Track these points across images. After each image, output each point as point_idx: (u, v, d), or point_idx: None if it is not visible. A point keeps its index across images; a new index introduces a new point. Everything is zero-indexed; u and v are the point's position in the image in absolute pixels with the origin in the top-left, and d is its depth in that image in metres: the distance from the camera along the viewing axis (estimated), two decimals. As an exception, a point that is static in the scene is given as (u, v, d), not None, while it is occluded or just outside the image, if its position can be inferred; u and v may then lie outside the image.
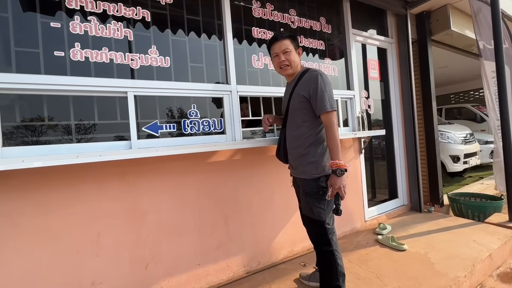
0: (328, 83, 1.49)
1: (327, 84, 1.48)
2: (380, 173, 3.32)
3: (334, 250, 1.52)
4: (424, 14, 3.39)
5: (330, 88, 1.48)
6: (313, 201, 1.53)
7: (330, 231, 1.53)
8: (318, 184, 1.51)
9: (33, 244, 1.37)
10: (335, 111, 1.46)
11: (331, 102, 1.45)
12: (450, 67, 6.61)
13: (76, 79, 1.46)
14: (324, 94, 1.44)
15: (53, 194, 1.43)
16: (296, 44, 1.59)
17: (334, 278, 1.51)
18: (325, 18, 2.61)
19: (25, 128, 1.39)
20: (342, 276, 1.53)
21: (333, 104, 1.45)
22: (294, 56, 1.56)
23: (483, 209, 3.05)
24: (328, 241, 1.52)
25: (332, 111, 1.45)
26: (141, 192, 1.67)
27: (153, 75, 1.73)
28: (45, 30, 1.44)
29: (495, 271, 2.11)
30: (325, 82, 1.47)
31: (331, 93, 1.48)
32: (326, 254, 1.54)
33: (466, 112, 7.18)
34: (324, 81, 1.47)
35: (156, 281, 1.70)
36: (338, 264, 1.51)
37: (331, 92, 1.48)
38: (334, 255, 1.51)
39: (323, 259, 1.58)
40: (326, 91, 1.45)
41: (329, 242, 1.52)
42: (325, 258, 1.55)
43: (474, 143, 5.30)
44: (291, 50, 1.55)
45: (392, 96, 3.30)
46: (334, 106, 1.46)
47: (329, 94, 1.46)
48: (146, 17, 1.72)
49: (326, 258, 1.54)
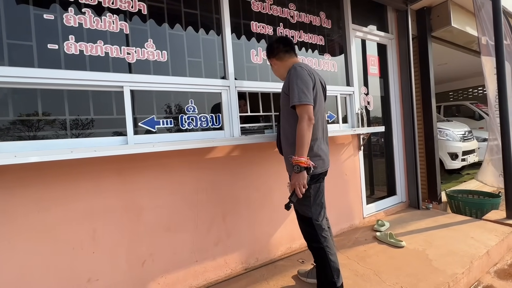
0: (300, 76, 1.43)
1: (298, 76, 1.43)
2: (379, 170, 3.31)
3: (324, 246, 1.50)
4: (424, 10, 3.36)
5: (303, 80, 1.41)
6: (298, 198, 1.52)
7: (319, 227, 1.51)
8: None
9: (28, 241, 1.35)
10: (307, 104, 1.38)
11: (300, 95, 1.38)
12: (450, 64, 6.59)
13: (70, 73, 1.43)
14: (293, 87, 1.41)
15: (49, 190, 1.41)
16: (270, 55, 1.68)
17: (329, 274, 1.50)
18: (325, 13, 2.58)
19: (18, 123, 1.36)
20: (336, 272, 1.51)
21: (302, 97, 1.38)
22: (272, 68, 1.77)
23: (480, 206, 3.05)
24: (317, 237, 1.51)
25: (301, 105, 1.38)
26: (138, 188, 1.65)
27: (149, 70, 1.70)
28: (38, 22, 1.40)
29: (493, 267, 2.11)
30: (297, 74, 1.43)
31: (304, 86, 1.40)
32: (318, 251, 1.53)
33: (465, 109, 7.19)
34: (296, 73, 1.43)
35: (153, 278, 1.68)
36: (331, 260, 1.50)
37: (303, 84, 1.40)
38: (325, 251, 1.50)
39: (315, 256, 1.57)
40: (297, 84, 1.41)
41: (318, 239, 1.51)
42: (317, 254, 1.55)
43: (473, 140, 5.30)
44: (270, 64, 1.74)
45: (391, 93, 3.28)
46: (304, 99, 1.37)
47: (299, 87, 1.40)
48: (143, 10, 1.69)
49: (318, 255, 1.53)
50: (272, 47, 1.65)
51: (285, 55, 1.63)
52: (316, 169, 1.48)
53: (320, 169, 1.51)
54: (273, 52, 1.65)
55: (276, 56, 1.64)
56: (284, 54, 1.62)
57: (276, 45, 1.64)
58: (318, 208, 1.53)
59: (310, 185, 1.47)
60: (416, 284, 1.72)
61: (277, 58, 1.64)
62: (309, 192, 1.49)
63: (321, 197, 1.55)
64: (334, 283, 1.50)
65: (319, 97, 1.53)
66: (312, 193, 1.51)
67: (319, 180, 1.53)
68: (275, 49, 1.63)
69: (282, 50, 1.62)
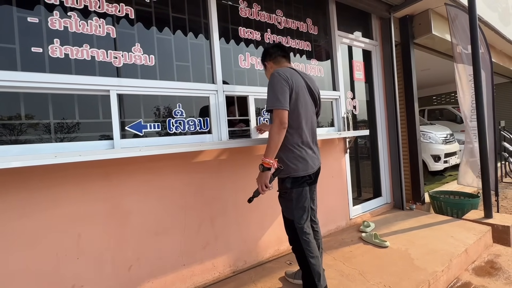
0: (275, 81, 1.46)
1: (274, 81, 1.47)
2: (365, 172, 3.40)
3: (304, 248, 1.51)
4: (407, 18, 3.50)
5: (278, 86, 1.45)
6: (282, 200, 1.60)
7: (300, 230, 1.53)
8: (284, 184, 1.55)
9: (9, 248, 1.32)
10: (279, 109, 1.41)
11: (273, 100, 1.43)
12: (432, 70, 6.85)
13: (55, 76, 1.42)
14: (269, 92, 1.48)
15: (31, 195, 1.38)
16: (268, 59, 1.72)
17: (310, 276, 1.53)
18: (311, 20, 2.65)
19: (1, 127, 1.33)
20: (317, 275, 1.51)
21: (274, 103, 1.42)
22: (267, 73, 1.79)
23: (461, 206, 3.19)
24: (298, 239, 1.54)
25: (274, 109, 1.42)
26: (125, 192, 1.64)
27: (137, 74, 1.70)
28: (22, 25, 1.38)
29: (471, 265, 2.21)
30: (272, 80, 1.48)
31: (278, 91, 1.43)
32: (298, 253, 1.56)
33: (447, 113, 7.47)
34: (272, 79, 1.49)
35: (140, 282, 1.67)
36: (311, 262, 1.51)
37: (277, 89, 1.44)
38: (305, 254, 1.52)
39: (297, 257, 1.59)
40: (272, 89, 1.46)
41: (299, 241, 1.53)
42: (298, 256, 1.58)
43: (454, 143, 5.52)
44: (265, 70, 1.81)
45: (376, 97, 3.39)
46: (275, 104, 1.41)
47: (274, 92, 1.44)
48: (130, 14, 1.69)
49: (299, 257, 1.56)
50: (269, 51, 1.72)
51: (282, 59, 1.70)
52: (297, 171, 1.51)
53: (302, 172, 1.52)
54: (271, 56, 1.70)
55: (273, 60, 1.70)
56: (281, 58, 1.70)
57: (274, 50, 1.71)
58: (300, 212, 1.54)
59: (292, 188, 1.52)
60: (399, 282, 1.78)
61: (274, 61, 1.70)
62: (291, 196, 1.53)
63: (304, 201, 1.55)
64: (315, 286, 1.51)
65: (301, 102, 1.54)
66: (294, 197, 1.53)
67: (302, 184, 1.54)
68: (273, 53, 1.70)
69: (280, 54, 1.70)
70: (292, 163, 1.51)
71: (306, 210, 1.56)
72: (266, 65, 1.75)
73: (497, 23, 4.40)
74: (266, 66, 1.76)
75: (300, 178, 1.53)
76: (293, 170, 1.51)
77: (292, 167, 1.51)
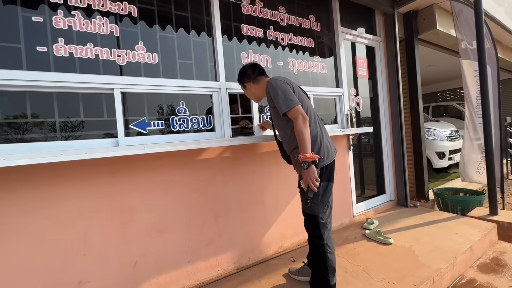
0: (277, 87, 1.53)
1: (276, 87, 1.53)
2: (369, 169, 3.39)
3: (325, 244, 1.55)
4: (411, 13, 3.46)
5: (281, 88, 1.52)
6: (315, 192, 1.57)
7: (323, 225, 1.56)
8: None
9: (18, 244, 1.35)
10: (294, 106, 1.47)
11: (286, 102, 1.48)
12: (437, 66, 6.77)
13: (60, 75, 1.43)
14: (277, 98, 1.51)
15: (39, 192, 1.40)
16: (247, 80, 1.73)
17: (324, 272, 1.54)
18: (314, 16, 2.63)
19: (7, 125, 1.35)
20: (332, 271, 1.56)
21: (288, 104, 1.48)
22: (247, 93, 1.81)
23: (466, 204, 3.16)
24: (320, 235, 1.56)
25: (290, 110, 1.47)
26: (130, 189, 1.66)
27: (140, 72, 1.71)
28: (26, 24, 1.40)
29: (476, 262, 2.20)
30: (274, 86, 1.54)
31: (285, 93, 1.50)
32: (318, 247, 1.57)
33: (452, 109, 7.39)
34: (274, 85, 1.54)
35: (145, 279, 1.69)
36: (329, 258, 1.54)
37: (284, 92, 1.51)
38: (324, 249, 1.54)
39: (314, 252, 1.62)
40: (278, 94, 1.51)
41: (321, 236, 1.55)
42: (316, 251, 1.59)
43: (459, 139, 5.46)
44: (244, 90, 1.81)
45: (380, 94, 3.36)
46: (290, 104, 1.48)
47: (282, 96, 1.50)
48: (133, 12, 1.70)
49: (317, 251, 1.58)
50: (247, 73, 1.73)
51: (260, 77, 1.73)
52: (323, 161, 1.55)
53: (327, 160, 1.58)
54: (250, 77, 1.72)
55: (253, 80, 1.73)
56: (260, 77, 1.73)
57: (251, 71, 1.72)
58: (325, 207, 1.58)
59: (320, 182, 1.53)
60: (403, 279, 1.78)
61: (254, 81, 1.73)
62: (318, 190, 1.53)
63: (328, 196, 1.60)
64: (328, 281, 1.54)
65: (303, 97, 1.63)
66: (321, 191, 1.55)
67: (329, 178, 1.60)
68: (252, 74, 1.72)
69: (258, 73, 1.73)
70: (318, 153, 1.54)
71: (329, 206, 1.62)
72: (246, 86, 1.76)
73: (503, 17, 4.33)
74: (245, 86, 1.77)
75: (325, 169, 1.57)
76: (320, 160, 1.54)
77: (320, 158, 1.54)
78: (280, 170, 2.30)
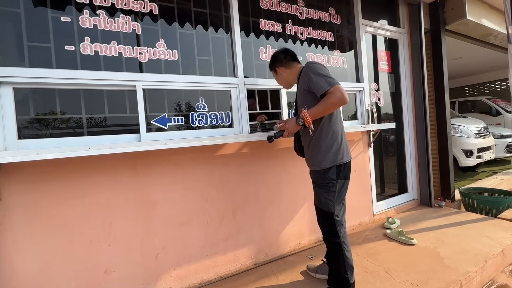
0: (319, 68, 1.48)
1: (318, 68, 1.47)
2: (390, 167, 3.27)
3: (341, 242, 1.53)
4: (438, 3, 3.26)
5: (323, 70, 1.47)
6: (322, 192, 1.56)
7: (339, 223, 1.54)
8: (327, 175, 1.53)
9: (49, 233, 1.43)
10: (337, 85, 1.40)
11: (329, 80, 1.42)
12: (465, 59, 6.38)
13: (86, 73, 1.49)
14: (317, 79, 1.44)
15: (67, 185, 1.48)
16: (274, 67, 1.72)
17: (342, 270, 1.53)
18: (334, 9, 2.55)
19: (38, 122, 1.43)
20: (350, 269, 1.54)
21: (331, 82, 1.41)
22: (278, 78, 1.78)
23: (496, 204, 2.97)
24: (335, 232, 1.54)
25: (333, 87, 1.40)
26: (151, 183, 1.71)
27: (161, 69, 1.74)
28: (55, 24, 1.46)
29: (508, 267, 2.06)
30: (316, 67, 1.48)
31: (326, 72, 1.46)
32: (334, 245, 1.55)
33: (481, 105, 6.95)
34: (314, 67, 1.49)
35: (166, 270, 1.74)
36: (346, 256, 1.53)
37: (326, 73, 1.46)
38: (341, 247, 1.53)
39: (331, 250, 1.60)
40: (320, 74, 1.45)
41: (337, 234, 1.53)
42: (332, 249, 1.57)
43: (489, 137, 5.13)
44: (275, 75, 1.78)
45: (403, 89, 3.22)
46: (333, 83, 1.41)
47: (324, 75, 1.44)
48: (154, 10, 1.73)
49: (334, 249, 1.56)
50: (280, 57, 1.70)
51: (293, 62, 1.70)
52: (342, 159, 1.54)
53: (346, 159, 1.56)
54: (282, 62, 1.69)
55: (285, 65, 1.69)
56: (292, 62, 1.69)
57: (283, 55, 1.69)
58: (340, 205, 1.57)
59: (338, 179, 1.53)
60: (427, 281, 1.71)
61: (285, 66, 1.69)
62: (335, 188, 1.52)
63: (344, 194, 1.59)
64: (347, 279, 1.52)
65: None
66: (338, 189, 1.54)
67: (346, 175, 1.58)
68: (284, 59, 1.69)
69: (290, 59, 1.69)
70: (337, 153, 1.53)
71: (344, 204, 1.60)
72: (277, 71, 1.73)
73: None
74: (277, 71, 1.73)
75: (343, 167, 1.55)
76: (339, 158, 1.53)
77: (339, 155, 1.53)
78: (298, 167, 2.27)
